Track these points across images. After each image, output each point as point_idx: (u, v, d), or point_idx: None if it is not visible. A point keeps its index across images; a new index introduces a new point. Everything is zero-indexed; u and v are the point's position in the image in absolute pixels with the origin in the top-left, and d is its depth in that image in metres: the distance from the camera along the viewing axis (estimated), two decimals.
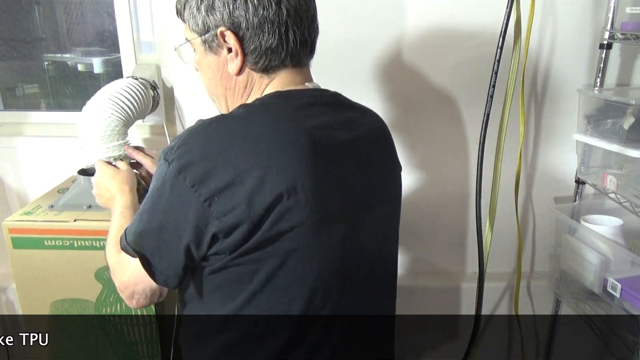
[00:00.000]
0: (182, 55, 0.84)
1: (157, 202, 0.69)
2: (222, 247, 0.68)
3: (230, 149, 0.66)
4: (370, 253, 0.80)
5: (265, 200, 0.65)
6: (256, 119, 0.70)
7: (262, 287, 0.70)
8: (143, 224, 0.71)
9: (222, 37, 0.73)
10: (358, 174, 0.76)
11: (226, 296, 0.73)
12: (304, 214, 0.67)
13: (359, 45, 1.36)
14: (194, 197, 0.65)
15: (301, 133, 0.69)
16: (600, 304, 1.33)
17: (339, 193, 0.72)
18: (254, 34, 0.71)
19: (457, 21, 1.36)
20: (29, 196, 1.54)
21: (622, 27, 1.27)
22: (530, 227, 1.60)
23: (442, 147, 1.49)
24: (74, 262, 1.14)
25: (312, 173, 0.68)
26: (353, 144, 0.76)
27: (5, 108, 1.58)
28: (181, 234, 0.68)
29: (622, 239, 1.29)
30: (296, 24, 0.73)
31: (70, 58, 1.57)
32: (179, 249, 0.69)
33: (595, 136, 1.26)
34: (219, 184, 0.64)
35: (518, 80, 1.27)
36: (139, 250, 0.72)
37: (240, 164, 0.65)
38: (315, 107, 0.74)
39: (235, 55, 0.73)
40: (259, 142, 0.67)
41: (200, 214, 0.66)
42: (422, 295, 1.56)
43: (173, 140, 0.68)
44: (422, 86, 1.42)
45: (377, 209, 0.80)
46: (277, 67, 0.75)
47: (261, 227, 0.66)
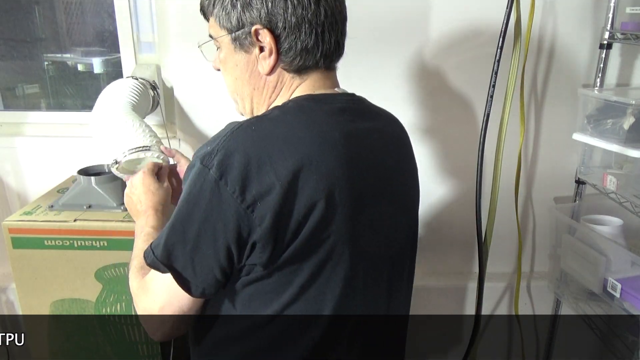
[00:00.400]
0: (205, 53, 0.82)
1: (194, 211, 0.64)
2: (261, 260, 0.65)
3: (271, 152, 0.63)
4: (390, 257, 0.80)
5: (304, 206, 0.63)
6: (294, 122, 0.68)
7: (295, 298, 0.68)
8: (177, 235, 0.66)
9: (255, 36, 0.71)
10: (382, 182, 0.76)
11: (257, 306, 0.70)
12: (340, 222, 0.66)
13: (358, 45, 1.36)
14: (235, 204, 0.62)
15: (338, 138, 0.68)
16: (600, 304, 1.33)
17: (369, 201, 0.72)
18: (290, 33, 0.70)
19: (457, 21, 1.36)
20: (29, 196, 1.54)
21: (622, 27, 1.27)
22: (530, 227, 1.60)
23: (442, 147, 1.49)
24: (74, 262, 1.14)
25: (347, 180, 0.67)
26: (380, 153, 0.76)
27: (5, 108, 1.58)
28: (221, 242, 0.64)
29: (622, 239, 1.29)
30: (332, 25, 0.72)
31: (70, 58, 1.57)
32: (218, 256, 0.65)
33: (595, 136, 1.26)
34: (261, 189, 0.62)
35: (518, 80, 1.27)
36: (170, 264, 0.67)
37: (280, 168, 0.62)
38: (346, 113, 0.73)
39: (269, 54, 0.71)
40: (298, 146, 0.65)
41: (242, 221, 0.63)
42: (422, 295, 1.56)
43: (208, 145, 0.65)
44: (422, 86, 1.42)
45: (401, 215, 0.81)
46: (310, 69, 0.74)
47: (299, 234, 0.64)
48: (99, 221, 1.12)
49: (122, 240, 1.11)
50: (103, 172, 1.24)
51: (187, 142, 1.48)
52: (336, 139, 0.68)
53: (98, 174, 1.21)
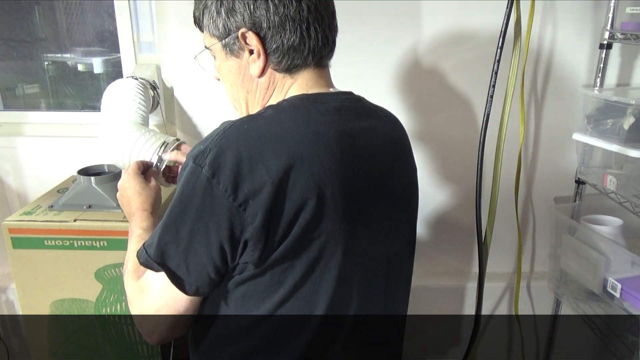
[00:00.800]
0: (202, 64, 0.83)
1: (187, 209, 0.65)
2: (253, 258, 0.65)
3: (263, 150, 0.63)
4: (388, 257, 0.80)
5: (296, 204, 0.63)
6: (287, 120, 0.68)
7: (288, 296, 0.69)
8: (170, 234, 0.67)
9: (243, 39, 0.72)
10: (379, 181, 0.76)
11: (251, 304, 0.71)
12: (333, 221, 0.66)
13: (358, 45, 1.37)
14: (227, 203, 0.62)
15: (332, 138, 0.68)
16: (600, 304, 1.33)
17: (362, 200, 0.72)
18: (275, 32, 0.71)
19: (456, 21, 1.36)
20: (29, 196, 1.54)
21: (622, 27, 1.27)
22: (530, 227, 1.60)
23: (442, 147, 1.49)
24: (74, 262, 1.14)
25: (341, 179, 0.67)
26: (376, 152, 0.76)
27: (5, 108, 1.58)
28: (214, 240, 0.65)
29: (622, 239, 1.29)
30: (317, 20, 0.72)
31: (70, 58, 1.57)
32: (211, 255, 0.66)
33: (595, 136, 1.26)
34: (253, 187, 0.62)
35: (518, 80, 1.27)
36: (163, 263, 0.68)
37: (272, 167, 0.63)
38: (342, 112, 0.73)
39: (258, 56, 0.73)
40: (291, 144, 0.65)
41: (235, 219, 0.63)
42: (422, 295, 1.56)
43: (201, 144, 0.65)
44: (422, 86, 1.42)
45: (398, 214, 0.81)
46: (299, 67, 0.75)
47: (290, 233, 0.64)
48: (99, 221, 1.12)
49: (122, 240, 1.11)
50: (103, 172, 1.24)
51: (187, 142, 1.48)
52: (330, 137, 0.68)
53: (98, 174, 1.21)
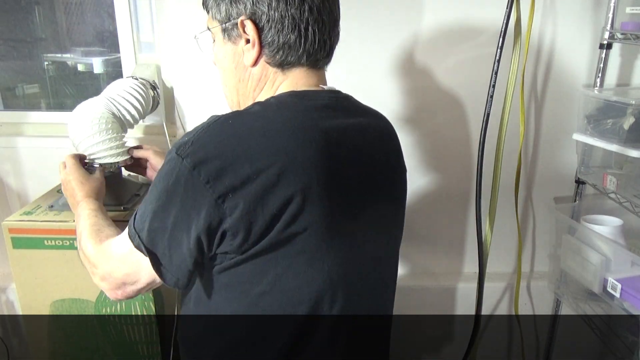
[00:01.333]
0: (201, 45, 0.85)
1: (171, 199, 0.66)
2: (232, 247, 0.66)
3: (247, 145, 0.64)
4: (375, 255, 0.80)
5: (280, 199, 0.64)
6: (273, 116, 0.69)
7: (270, 288, 0.69)
8: (158, 221, 0.68)
9: (242, 27, 0.73)
10: (367, 178, 0.76)
11: (234, 296, 0.72)
12: (317, 216, 0.67)
13: (358, 45, 1.37)
14: (207, 194, 0.63)
15: (318, 133, 0.68)
16: (600, 304, 1.33)
17: (349, 197, 0.72)
18: (273, 27, 0.72)
19: (456, 21, 1.36)
20: (29, 196, 1.54)
21: (622, 27, 1.27)
22: (530, 227, 1.60)
23: (442, 146, 1.49)
24: (74, 262, 1.13)
25: (327, 175, 0.67)
26: (364, 149, 0.76)
27: (5, 108, 1.58)
28: (192, 231, 0.66)
29: (622, 239, 1.29)
30: (317, 23, 0.73)
31: (70, 58, 1.57)
32: (190, 246, 0.67)
33: (595, 136, 1.26)
34: (234, 181, 0.63)
35: (518, 80, 1.27)
36: (151, 250, 0.69)
37: (256, 161, 0.64)
38: (330, 109, 0.74)
39: (252, 46, 0.74)
40: (276, 139, 0.66)
41: (213, 211, 0.64)
42: (422, 295, 1.56)
43: (186, 136, 0.66)
44: (422, 86, 1.42)
45: (384, 212, 0.81)
46: (292, 64, 0.75)
47: (274, 227, 0.65)
48: None
49: None
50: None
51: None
52: (317, 134, 0.68)
53: None
